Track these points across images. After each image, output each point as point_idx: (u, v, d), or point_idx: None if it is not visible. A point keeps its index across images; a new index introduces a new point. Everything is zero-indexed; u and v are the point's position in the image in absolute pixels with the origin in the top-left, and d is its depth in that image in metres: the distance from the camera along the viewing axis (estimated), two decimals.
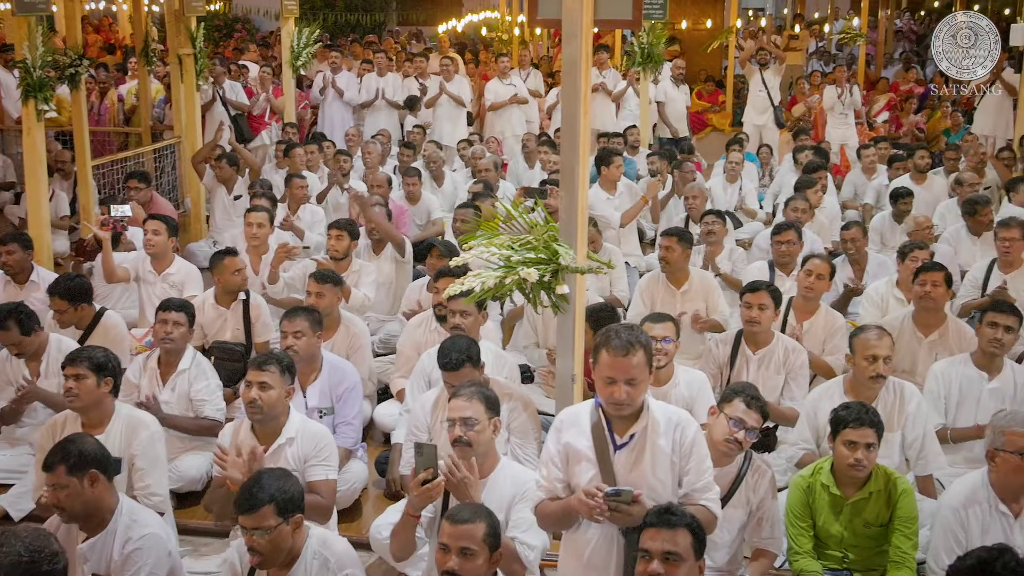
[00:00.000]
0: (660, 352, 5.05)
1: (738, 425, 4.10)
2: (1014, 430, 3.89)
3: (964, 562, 3.08)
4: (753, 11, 24.30)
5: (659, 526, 3.21)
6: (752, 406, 4.15)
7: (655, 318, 5.21)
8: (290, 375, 4.53)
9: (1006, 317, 5.11)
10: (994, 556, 3.04)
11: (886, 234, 8.52)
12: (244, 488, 3.60)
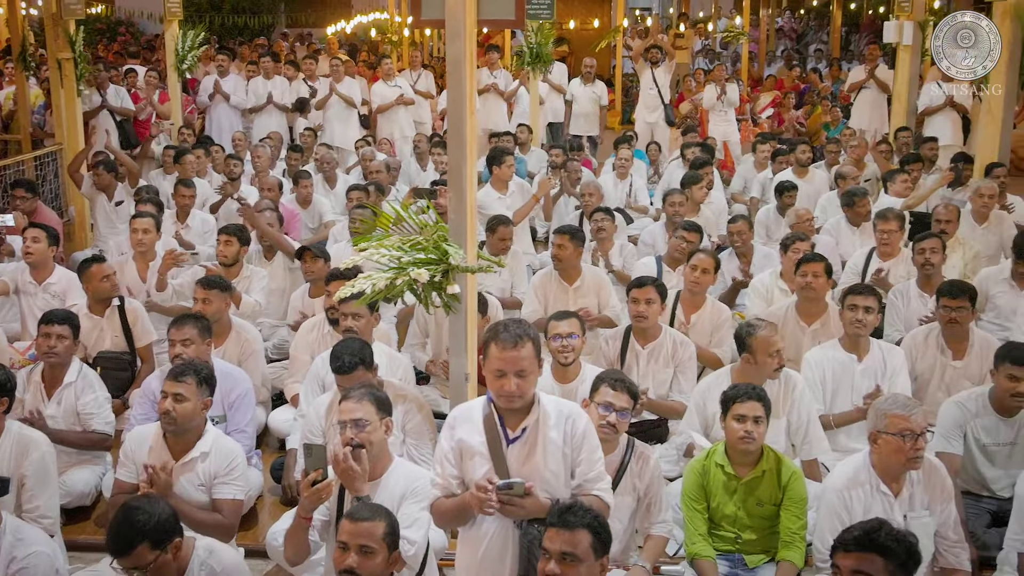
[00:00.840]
0: (567, 349, 5.12)
1: (608, 409, 4.17)
2: (895, 412, 4.02)
3: (850, 533, 3.19)
4: (640, 11, 24.70)
5: (558, 527, 3.23)
6: (618, 388, 4.23)
7: (560, 315, 5.27)
8: (207, 387, 4.48)
9: (864, 299, 5.32)
10: (876, 527, 3.17)
11: (771, 227, 8.76)
12: (113, 529, 3.48)
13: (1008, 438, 4.75)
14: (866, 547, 3.12)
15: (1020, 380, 4.56)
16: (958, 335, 5.57)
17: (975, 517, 4.71)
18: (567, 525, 3.21)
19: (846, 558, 3.13)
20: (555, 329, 5.13)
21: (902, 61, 11.50)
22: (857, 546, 3.13)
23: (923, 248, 6.41)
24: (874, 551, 3.10)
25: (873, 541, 3.12)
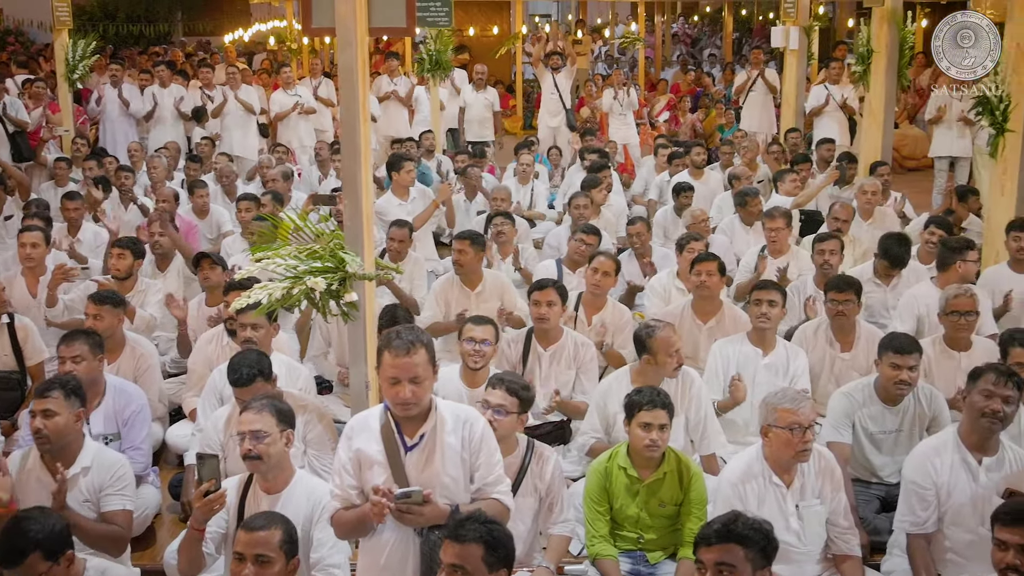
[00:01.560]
0: (478, 354, 5.13)
1: (484, 407, 4.19)
2: (784, 407, 4.13)
3: (709, 528, 3.29)
4: (539, 17, 24.92)
5: (451, 539, 3.22)
6: (496, 386, 4.26)
7: (476, 320, 5.27)
8: (77, 399, 4.34)
9: (768, 293, 5.48)
10: (732, 518, 3.28)
11: (668, 228, 8.91)
12: (5, 538, 3.40)
13: (893, 426, 4.92)
14: (725, 538, 3.21)
15: (902, 369, 4.73)
16: (845, 328, 5.75)
17: (865, 503, 4.86)
18: (459, 539, 3.19)
19: (708, 552, 3.22)
20: (470, 332, 5.14)
21: (789, 65, 11.85)
22: (718, 538, 3.22)
23: (823, 249, 6.61)
24: (733, 541, 3.20)
25: (731, 532, 3.22)
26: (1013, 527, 3.29)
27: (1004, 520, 3.32)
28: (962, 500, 4.16)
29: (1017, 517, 3.30)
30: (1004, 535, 3.30)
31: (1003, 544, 3.30)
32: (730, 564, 3.18)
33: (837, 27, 20.10)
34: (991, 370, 4.20)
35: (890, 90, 9.38)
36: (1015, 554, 3.26)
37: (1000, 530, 3.32)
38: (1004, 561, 3.28)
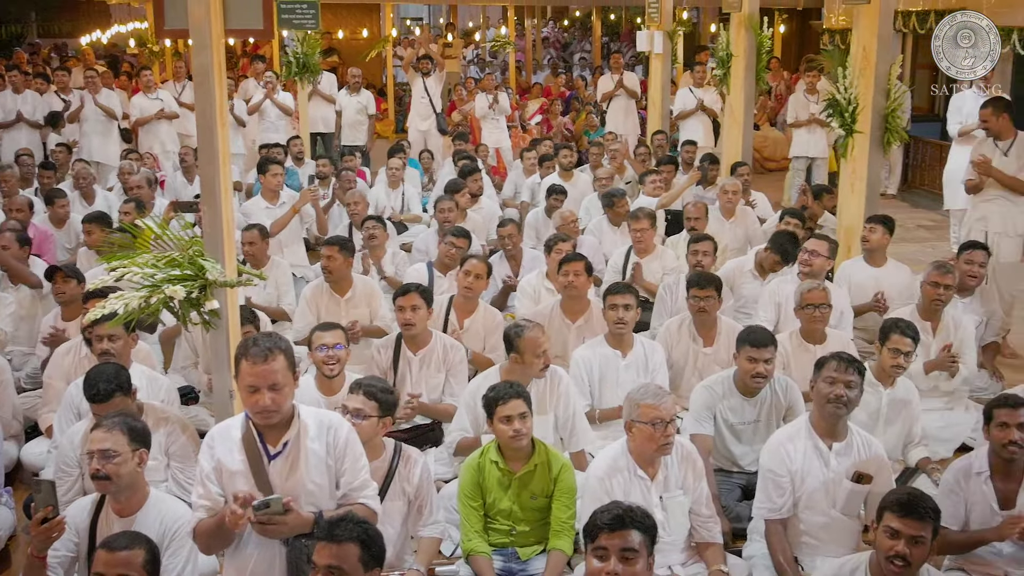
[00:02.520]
0: (332, 360, 5.08)
1: (358, 416, 4.17)
2: (646, 402, 4.22)
3: (606, 515, 3.31)
4: (410, 20, 24.86)
5: (327, 540, 3.20)
6: (353, 390, 4.25)
7: (325, 326, 5.23)
8: None
9: (623, 297, 5.57)
10: (627, 508, 3.33)
11: (540, 229, 9.00)
12: None
13: (752, 416, 5.09)
14: (627, 525, 3.25)
15: (758, 362, 4.89)
16: (707, 323, 5.93)
17: (727, 492, 5.02)
18: (334, 539, 3.17)
19: (612, 538, 3.24)
20: (320, 340, 5.09)
21: (655, 69, 12.14)
22: (621, 525, 3.25)
23: (696, 250, 6.80)
24: (634, 528, 3.25)
25: (632, 519, 3.26)
26: (906, 518, 3.40)
27: (896, 510, 3.43)
28: (815, 485, 4.32)
29: (911, 508, 3.42)
30: (896, 524, 3.41)
31: (895, 532, 3.41)
32: (633, 549, 3.23)
33: (701, 32, 20.68)
34: (833, 358, 4.39)
35: (749, 93, 9.69)
36: (905, 544, 3.39)
37: (891, 518, 3.43)
38: (894, 549, 3.39)
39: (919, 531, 3.38)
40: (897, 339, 5.16)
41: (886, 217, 6.95)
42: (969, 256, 6.45)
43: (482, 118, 13.79)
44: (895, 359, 5.14)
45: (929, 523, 3.40)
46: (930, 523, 3.40)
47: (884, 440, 4.95)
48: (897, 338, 5.16)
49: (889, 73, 7.03)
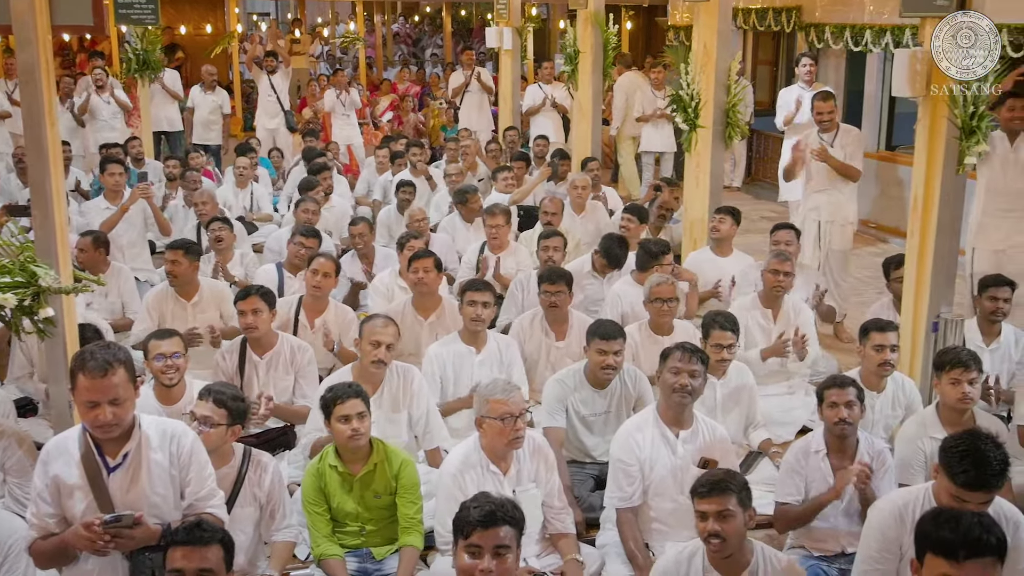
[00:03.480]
0: (170, 369, 4.92)
1: (206, 425, 4.08)
2: (496, 398, 4.25)
3: (477, 511, 3.32)
4: (257, 16, 24.34)
5: (190, 544, 3.14)
6: (203, 397, 4.17)
7: (161, 334, 5.06)
8: None
9: (481, 294, 5.60)
10: (498, 503, 3.36)
11: (392, 227, 8.95)
12: None
13: (603, 408, 5.19)
14: (501, 521, 3.28)
15: (608, 354, 4.99)
16: (559, 318, 6.01)
17: (580, 483, 5.10)
18: (201, 541, 3.13)
19: (485, 535, 3.26)
20: (157, 348, 4.91)
21: (504, 65, 12.22)
22: (494, 521, 3.27)
23: (547, 246, 6.87)
24: (506, 524, 3.29)
25: (504, 515, 3.30)
26: (709, 497, 3.55)
27: (701, 492, 3.58)
28: (663, 472, 4.44)
29: (712, 488, 3.57)
30: (703, 506, 3.55)
31: (703, 515, 3.55)
32: (506, 545, 3.25)
33: (551, 28, 20.93)
34: (677, 349, 4.52)
35: (597, 89, 9.86)
36: (714, 520, 3.52)
37: (699, 502, 3.57)
38: (707, 530, 3.53)
39: (724, 505, 3.51)
40: (718, 334, 5.31)
41: (734, 208, 7.21)
42: (777, 236, 6.84)
43: (332, 113, 13.63)
44: (718, 354, 5.29)
45: (731, 495, 3.54)
46: (732, 495, 3.54)
47: (725, 427, 5.12)
48: (717, 333, 5.32)
49: (729, 69, 7.28)
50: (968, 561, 2.90)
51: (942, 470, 3.62)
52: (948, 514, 3.07)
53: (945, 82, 5.29)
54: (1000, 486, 3.55)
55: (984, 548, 2.91)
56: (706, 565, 3.63)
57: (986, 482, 3.49)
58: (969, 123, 5.24)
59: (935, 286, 5.61)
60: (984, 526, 2.97)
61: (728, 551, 3.55)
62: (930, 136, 5.52)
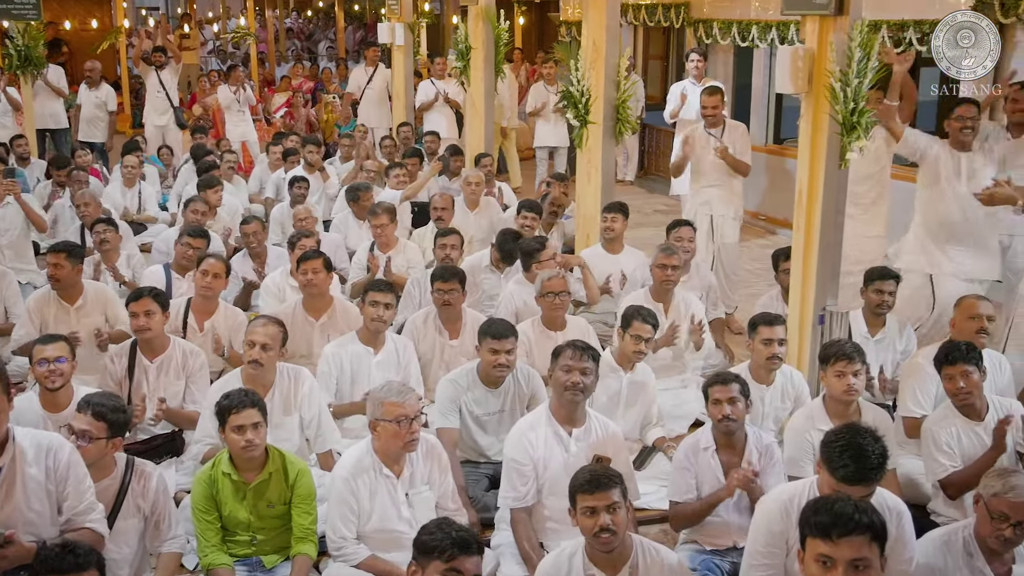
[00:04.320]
0: (55, 373, 4.74)
1: (84, 439, 3.93)
2: (390, 400, 4.20)
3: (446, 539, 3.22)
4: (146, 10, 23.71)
5: (63, 572, 3.00)
6: (96, 413, 3.99)
7: (46, 339, 4.87)
8: None
9: (383, 295, 5.52)
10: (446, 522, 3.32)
11: (286, 224, 8.79)
12: None
13: (496, 407, 5.17)
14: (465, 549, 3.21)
15: (500, 352, 4.98)
16: (452, 316, 5.97)
17: (474, 483, 5.07)
18: (75, 568, 3.00)
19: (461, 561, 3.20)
20: (41, 353, 4.72)
21: (397, 61, 12.13)
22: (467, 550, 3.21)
23: (444, 243, 6.82)
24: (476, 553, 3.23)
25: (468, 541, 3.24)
26: (597, 492, 3.54)
27: (585, 489, 3.57)
28: (557, 471, 4.42)
29: (596, 483, 3.57)
30: (591, 502, 3.54)
31: (592, 510, 3.55)
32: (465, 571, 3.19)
33: (445, 23, 20.85)
34: (568, 347, 4.52)
35: (489, 85, 9.84)
36: (605, 514, 3.53)
37: (584, 498, 3.56)
38: (599, 524, 3.52)
39: (610, 500, 3.53)
40: (639, 326, 5.38)
41: (622, 204, 7.25)
42: (678, 233, 6.86)
43: (226, 109, 13.36)
44: (637, 345, 5.35)
45: (615, 488, 3.56)
46: (616, 487, 3.57)
47: (624, 422, 5.17)
48: (639, 325, 5.38)
49: (619, 65, 7.33)
50: (841, 539, 2.95)
51: (823, 464, 3.68)
52: (825, 499, 3.15)
53: (826, 79, 5.40)
54: (879, 479, 3.61)
55: (855, 526, 2.96)
56: (587, 563, 3.63)
57: (864, 476, 3.55)
58: (850, 119, 5.36)
59: (821, 279, 5.74)
60: (857, 507, 3.03)
61: (616, 544, 3.57)
62: (813, 132, 5.64)
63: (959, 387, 4.62)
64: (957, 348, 4.67)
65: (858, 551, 2.95)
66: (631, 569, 3.62)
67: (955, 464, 4.63)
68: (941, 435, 4.66)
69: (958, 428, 4.67)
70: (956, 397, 4.67)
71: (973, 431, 4.66)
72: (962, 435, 4.66)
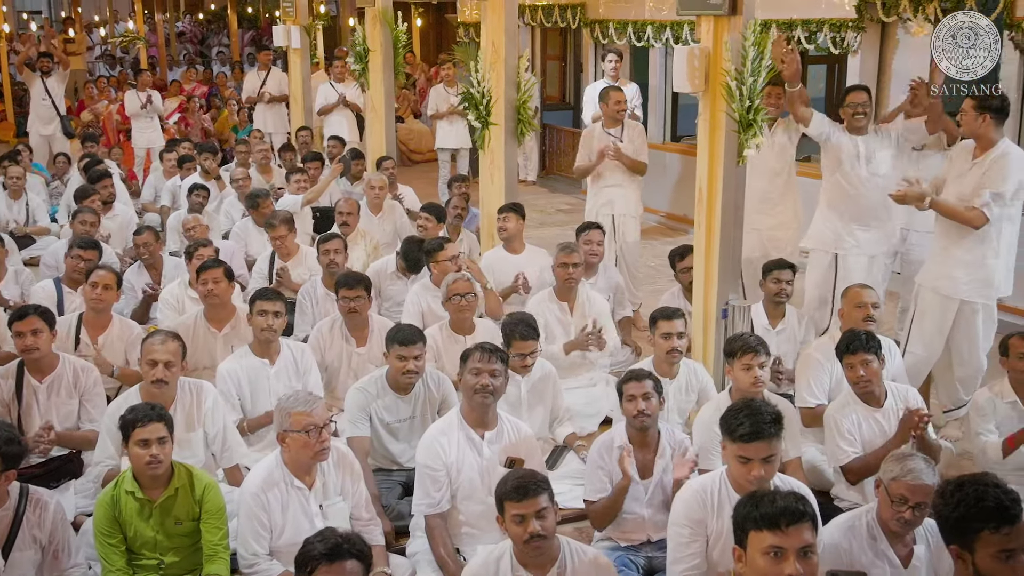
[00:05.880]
0: None
1: None
2: (298, 410, 4.10)
3: (321, 545, 3.19)
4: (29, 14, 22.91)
5: None
6: None
7: None
8: None
9: (272, 304, 5.38)
10: (344, 537, 3.24)
11: (183, 233, 8.57)
12: None
13: (407, 413, 5.11)
14: (345, 555, 3.17)
15: (408, 359, 4.92)
16: (359, 324, 5.89)
17: (387, 491, 5.01)
18: None
19: (330, 571, 3.15)
20: None
21: (294, 63, 11.95)
22: (339, 556, 3.16)
23: (327, 249, 6.69)
24: (352, 558, 3.18)
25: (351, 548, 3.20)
26: (527, 499, 3.52)
27: (513, 496, 3.54)
28: (471, 475, 4.40)
29: (524, 492, 3.54)
30: (520, 509, 3.52)
31: (521, 517, 3.53)
32: None
33: (342, 25, 20.63)
34: (477, 349, 4.50)
35: (389, 87, 9.76)
36: (535, 520, 3.51)
37: (512, 506, 3.53)
38: (528, 531, 3.51)
39: (539, 506, 3.53)
40: (519, 344, 5.32)
41: (516, 204, 7.24)
42: (587, 236, 6.88)
43: (134, 117, 13.00)
44: (522, 361, 5.32)
45: (543, 493, 3.56)
46: (544, 493, 3.56)
47: (531, 423, 5.15)
48: (519, 343, 5.31)
49: (518, 66, 7.34)
50: (791, 528, 3.01)
51: (724, 436, 3.79)
52: (761, 493, 3.20)
53: (722, 77, 5.48)
54: (776, 436, 3.71)
55: (801, 515, 3.03)
56: (515, 564, 3.62)
57: (761, 431, 3.66)
58: (746, 116, 5.45)
59: (722, 274, 5.83)
60: (796, 497, 3.12)
61: (546, 548, 3.56)
62: (711, 130, 5.72)
63: (860, 375, 4.75)
64: (857, 337, 4.80)
65: (805, 538, 3.02)
66: (559, 570, 3.62)
67: (856, 451, 4.76)
68: (843, 422, 4.79)
69: (859, 415, 4.80)
70: (857, 385, 4.80)
71: (873, 417, 4.80)
72: (862, 422, 4.80)
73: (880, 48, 8.89)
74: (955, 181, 5.76)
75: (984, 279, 5.71)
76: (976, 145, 5.70)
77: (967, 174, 5.69)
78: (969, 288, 5.72)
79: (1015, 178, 5.53)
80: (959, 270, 5.71)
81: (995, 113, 5.58)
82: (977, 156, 5.67)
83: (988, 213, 5.51)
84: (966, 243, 5.65)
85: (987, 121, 5.58)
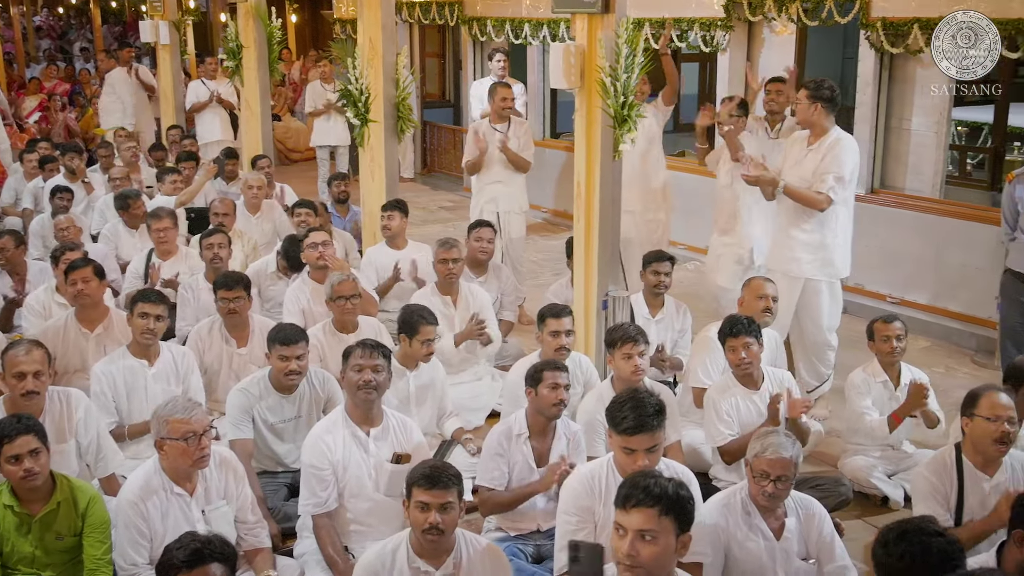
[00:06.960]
0: None
1: None
2: (176, 417, 4.00)
3: (181, 552, 3.13)
4: None
5: None
6: None
7: None
8: None
9: (153, 307, 5.24)
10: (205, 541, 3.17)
11: (48, 236, 8.24)
12: None
13: (292, 413, 5.05)
14: (207, 559, 3.12)
15: (290, 359, 4.86)
16: (239, 324, 5.78)
17: (274, 492, 4.94)
18: None
19: None
20: None
21: (163, 60, 11.63)
22: (201, 561, 3.11)
23: (211, 244, 6.57)
24: (214, 561, 3.13)
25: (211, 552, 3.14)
26: (432, 489, 3.52)
27: (423, 483, 3.54)
28: (357, 472, 4.38)
29: (436, 480, 3.55)
30: (425, 497, 3.52)
31: (425, 505, 3.53)
32: None
33: (213, 21, 20.16)
34: (359, 346, 4.49)
35: (264, 84, 9.59)
36: (437, 512, 3.52)
37: (420, 492, 3.53)
38: (428, 521, 3.52)
39: (445, 499, 3.54)
40: (425, 329, 5.35)
41: (399, 201, 7.25)
42: (478, 234, 6.93)
43: None
44: (428, 348, 5.34)
45: (453, 488, 3.58)
46: (454, 488, 3.58)
47: (419, 418, 5.15)
48: (425, 328, 5.35)
49: (396, 63, 7.30)
50: (632, 509, 3.06)
51: (610, 427, 3.87)
52: (635, 473, 3.30)
53: (597, 74, 5.57)
54: (659, 427, 3.80)
55: (645, 497, 3.05)
56: (411, 556, 3.62)
57: (645, 423, 3.74)
58: (621, 112, 5.55)
59: (602, 266, 5.92)
60: (655, 480, 3.12)
61: (442, 543, 3.57)
62: (587, 125, 5.80)
63: (740, 358, 4.92)
64: (740, 321, 4.97)
65: (645, 522, 3.05)
66: (455, 560, 3.64)
67: (732, 432, 4.93)
68: (722, 404, 4.95)
69: (737, 397, 4.96)
70: (739, 367, 4.96)
71: (751, 399, 4.97)
72: (740, 403, 4.96)
73: (748, 46, 9.18)
74: (793, 168, 6.08)
75: (825, 259, 6.04)
76: (811, 133, 6.02)
77: (803, 160, 6.01)
78: (812, 267, 6.04)
79: (851, 162, 5.90)
80: (802, 251, 6.03)
81: (826, 103, 5.90)
82: (812, 143, 6.00)
83: (833, 196, 5.84)
84: (808, 225, 5.99)
85: (819, 110, 5.91)
